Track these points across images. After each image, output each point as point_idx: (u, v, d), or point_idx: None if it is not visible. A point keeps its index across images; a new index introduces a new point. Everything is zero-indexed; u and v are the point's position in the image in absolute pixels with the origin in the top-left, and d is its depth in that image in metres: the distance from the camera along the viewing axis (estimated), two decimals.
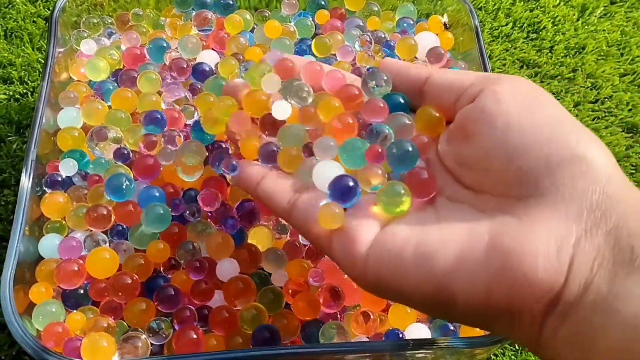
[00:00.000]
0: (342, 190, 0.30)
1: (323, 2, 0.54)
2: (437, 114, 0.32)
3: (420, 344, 0.36)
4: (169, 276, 0.39)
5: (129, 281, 0.37)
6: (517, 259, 0.25)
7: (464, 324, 0.34)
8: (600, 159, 0.26)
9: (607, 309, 0.23)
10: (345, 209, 0.30)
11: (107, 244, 0.39)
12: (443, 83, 0.32)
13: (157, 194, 0.39)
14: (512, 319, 0.26)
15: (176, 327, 0.38)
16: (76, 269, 0.36)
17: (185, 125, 0.43)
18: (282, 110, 0.34)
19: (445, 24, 0.53)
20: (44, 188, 0.41)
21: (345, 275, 0.38)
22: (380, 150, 0.32)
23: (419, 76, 0.33)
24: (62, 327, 0.35)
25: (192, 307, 0.38)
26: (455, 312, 0.27)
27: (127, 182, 0.38)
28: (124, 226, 0.40)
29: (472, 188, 0.29)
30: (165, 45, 0.47)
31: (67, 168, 0.41)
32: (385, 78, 0.34)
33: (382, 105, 0.33)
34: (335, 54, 0.50)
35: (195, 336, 0.37)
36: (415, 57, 0.51)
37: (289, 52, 0.47)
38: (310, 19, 0.52)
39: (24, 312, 0.36)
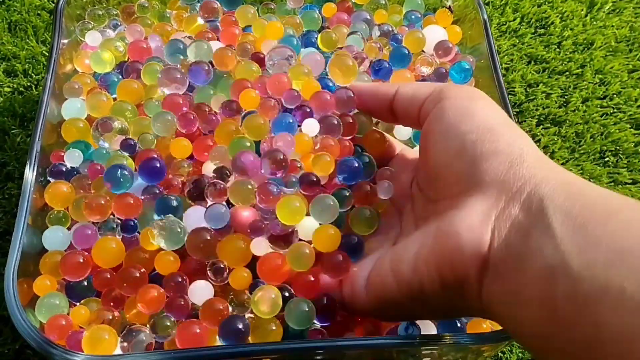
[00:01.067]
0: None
1: None
2: (379, 137, 0.41)
3: (427, 339, 0.36)
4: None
5: (137, 274, 0.36)
6: (452, 237, 0.30)
7: (437, 317, 0.38)
8: (517, 148, 0.30)
9: (522, 265, 0.27)
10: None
11: (120, 229, 0.39)
12: (406, 97, 0.37)
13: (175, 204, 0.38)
14: (461, 292, 0.30)
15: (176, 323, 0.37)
16: (81, 260, 0.36)
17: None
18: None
19: (449, 7, 0.53)
20: (48, 178, 0.41)
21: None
22: None
23: (387, 93, 0.38)
24: (65, 319, 0.35)
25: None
26: (428, 304, 0.32)
27: (126, 173, 0.38)
28: (135, 221, 0.39)
29: (433, 199, 0.35)
30: (181, 47, 0.46)
31: (72, 158, 0.41)
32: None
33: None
34: (341, 48, 0.49)
35: (198, 330, 0.36)
36: (423, 51, 0.50)
37: (295, 48, 0.46)
38: (317, 11, 0.52)
39: (28, 304, 0.36)
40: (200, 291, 0.36)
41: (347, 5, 0.53)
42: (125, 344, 0.35)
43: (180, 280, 0.36)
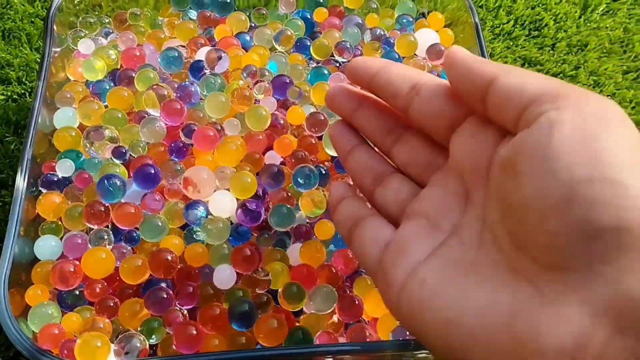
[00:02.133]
0: None
1: (322, 0, 0.53)
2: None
3: (421, 344, 0.36)
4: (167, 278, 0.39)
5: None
6: (527, 351, 0.21)
7: None
8: None
9: None
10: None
11: (111, 238, 0.39)
12: (507, 92, 0.24)
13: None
14: None
15: (167, 330, 0.37)
16: (72, 269, 0.36)
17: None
18: None
19: (423, 14, 0.54)
20: (40, 188, 0.41)
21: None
22: None
23: (483, 77, 0.25)
24: (58, 328, 0.35)
25: (183, 308, 0.38)
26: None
27: (116, 183, 0.38)
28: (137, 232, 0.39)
29: (510, 238, 0.24)
30: (177, 55, 0.46)
31: (63, 168, 0.41)
32: None
33: None
34: (333, 55, 0.49)
35: (195, 332, 0.36)
36: (415, 54, 0.50)
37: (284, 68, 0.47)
38: (300, 20, 0.51)
39: (21, 314, 0.36)
40: (225, 276, 0.37)
41: (339, 10, 0.53)
42: (118, 349, 0.35)
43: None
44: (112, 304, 0.37)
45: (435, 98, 0.28)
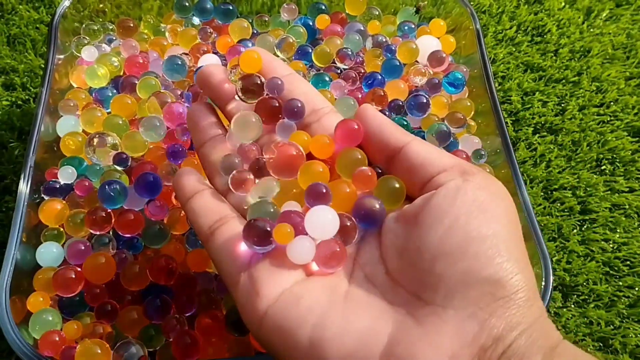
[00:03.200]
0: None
1: (323, 7, 0.54)
2: (399, 186, 0.30)
3: None
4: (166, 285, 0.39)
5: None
6: None
7: None
8: (516, 285, 0.25)
9: None
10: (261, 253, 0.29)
11: (114, 243, 0.39)
12: (417, 159, 0.30)
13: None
14: None
15: (165, 337, 0.38)
16: (73, 276, 0.36)
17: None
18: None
19: (418, 8, 0.53)
20: (42, 195, 0.41)
21: None
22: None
23: (397, 141, 0.31)
24: (58, 335, 0.35)
25: (180, 316, 0.38)
26: None
27: (117, 188, 0.38)
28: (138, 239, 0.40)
29: (391, 275, 0.28)
30: (180, 62, 0.46)
31: (65, 175, 0.41)
32: None
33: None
34: (334, 62, 0.49)
35: (189, 341, 0.36)
36: (417, 61, 0.50)
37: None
38: (302, 27, 0.51)
39: (22, 320, 0.36)
40: (303, 250, 0.29)
41: (341, 17, 0.53)
42: (116, 357, 0.35)
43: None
44: (110, 309, 0.37)
45: None
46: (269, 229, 0.28)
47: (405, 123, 0.45)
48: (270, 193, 0.31)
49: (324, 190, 0.30)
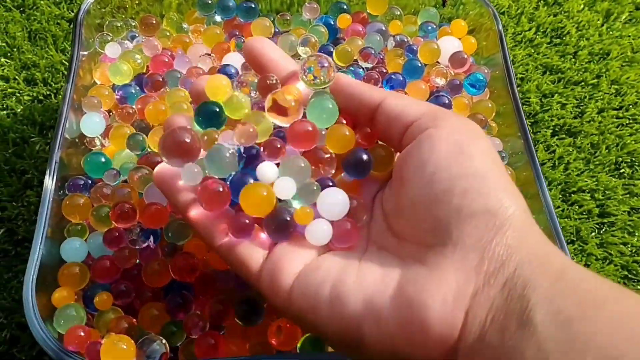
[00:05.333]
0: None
1: (345, 6, 0.54)
2: (348, 133, 0.32)
3: None
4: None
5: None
6: (416, 309, 0.26)
7: None
8: (508, 211, 0.26)
9: None
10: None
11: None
12: (393, 112, 0.31)
13: None
14: None
15: (187, 334, 0.38)
16: (108, 265, 0.37)
17: None
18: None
19: (445, 1, 0.53)
20: (67, 192, 0.41)
21: None
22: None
23: (372, 100, 0.32)
24: (83, 330, 0.36)
25: (202, 313, 0.38)
26: (365, 353, 0.27)
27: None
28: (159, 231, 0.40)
29: (398, 235, 0.30)
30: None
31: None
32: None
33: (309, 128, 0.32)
34: (357, 61, 0.49)
35: (213, 342, 0.37)
36: (438, 62, 0.50)
37: None
38: (323, 26, 0.51)
39: (47, 315, 0.37)
40: (321, 232, 0.31)
41: (362, 17, 0.53)
42: (139, 353, 0.36)
43: None
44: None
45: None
46: (288, 218, 0.30)
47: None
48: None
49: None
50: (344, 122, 0.33)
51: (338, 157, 0.33)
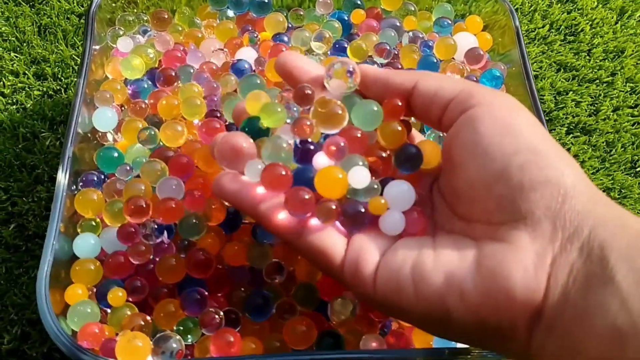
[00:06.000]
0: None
1: (359, 2, 0.53)
2: (400, 128, 0.33)
3: (455, 353, 0.35)
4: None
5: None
6: (499, 279, 0.26)
7: (460, 341, 0.32)
8: (570, 178, 0.27)
9: (583, 323, 0.24)
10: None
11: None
12: (428, 94, 0.32)
13: None
14: (503, 335, 0.27)
15: (202, 331, 0.37)
16: (122, 260, 0.37)
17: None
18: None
19: None
20: (79, 187, 0.41)
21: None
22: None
23: (404, 86, 0.32)
24: (98, 327, 0.35)
25: (219, 310, 0.38)
26: (451, 329, 0.29)
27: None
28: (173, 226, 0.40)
29: (464, 218, 0.30)
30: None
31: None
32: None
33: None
34: (371, 56, 0.49)
35: (232, 339, 0.36)
36: (453, 58, 0.50)
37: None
38: (337, 21, 0.51)
39: (59, 312, 0.36)
40: (395, 222, 0.32)
41: (376, 12, 0.53)
42: (155, 349, 0.35)
43: None
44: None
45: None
46: (363, 209, 0.31)
47: None
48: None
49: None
50: None
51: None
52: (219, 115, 0.44)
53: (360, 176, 0.32)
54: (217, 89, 0.45)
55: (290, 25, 0.52)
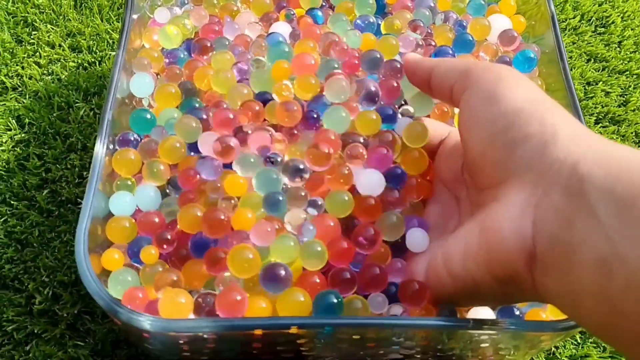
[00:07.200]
0: None
1: None
2: (421, 128, 0.39)
3: (481, 323, 0.34)
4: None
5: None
6: (494, 234, 0.29)
7: (496, 304, 0.38)
8: (550, 128, 0.29)
9: (571, 258, 0.25)
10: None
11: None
12: (438, 78, 0.36)
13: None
14: (515, 285, 0.29)
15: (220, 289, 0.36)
16: (157, 220, 0.37)
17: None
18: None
19: None
20: (116, 147, 0.41)
21: None
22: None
23: (426, 70, 0.38)
24: (141, 291, 0.35)
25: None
26: (484, 296, 0.32)
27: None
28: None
29: (480, 187, 0.33)
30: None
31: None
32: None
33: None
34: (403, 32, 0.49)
35: (239, 297, 0.34)
36: (487, 39, 0.50)
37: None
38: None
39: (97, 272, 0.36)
40: (420, 241, 0.38)
41: None
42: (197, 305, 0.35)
43: None
44: (185, 253, 0.37)
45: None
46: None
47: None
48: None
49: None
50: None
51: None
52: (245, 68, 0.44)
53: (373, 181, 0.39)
54: (247, 56, 0.45)
55: (324, 4, 0.53)
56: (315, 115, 0.41)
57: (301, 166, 0.38)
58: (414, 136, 0.40)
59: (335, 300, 0.34)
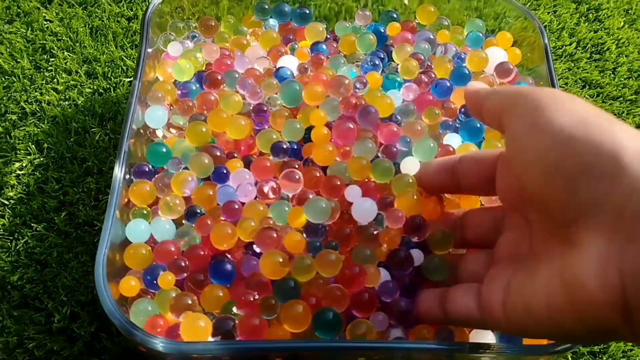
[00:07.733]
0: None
1: (395, 15, 0.56)
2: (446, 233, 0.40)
3: (477, 347, 0.36)
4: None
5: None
6: (579, 292, 0.26)
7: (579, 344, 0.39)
8: (606, 149, 0.26)
9: None
10: None
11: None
12: (490, 112, 0.34)
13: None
14: (614, 334, 0.27)
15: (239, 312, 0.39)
16: (173, 249, 0.40)
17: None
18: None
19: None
20: (132, 177, 0.44)
21: None
22: None
23: (478, 103, 0.36)
24: (162, 319, 0.38)
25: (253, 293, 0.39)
26: (577, 340, 0.33)
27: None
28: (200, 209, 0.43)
29: (545, 228, 0.31)
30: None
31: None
32: None
33: None
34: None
35: (257, 322, 0.37)
36: (484, 71, 0.52)
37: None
38: (372, 34, 0.53)
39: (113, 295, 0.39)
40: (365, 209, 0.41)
41: (411, 25, 0.55)
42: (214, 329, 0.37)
43: None
44: (202, 278, 0.40)
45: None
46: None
47: (478, 125, 0.47)
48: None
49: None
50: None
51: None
52: (265, 109, 0.47)
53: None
54: (260, 94, 0.48)
55: (328, 36, 0.55)
56: None
57: None
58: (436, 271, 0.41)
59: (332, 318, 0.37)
